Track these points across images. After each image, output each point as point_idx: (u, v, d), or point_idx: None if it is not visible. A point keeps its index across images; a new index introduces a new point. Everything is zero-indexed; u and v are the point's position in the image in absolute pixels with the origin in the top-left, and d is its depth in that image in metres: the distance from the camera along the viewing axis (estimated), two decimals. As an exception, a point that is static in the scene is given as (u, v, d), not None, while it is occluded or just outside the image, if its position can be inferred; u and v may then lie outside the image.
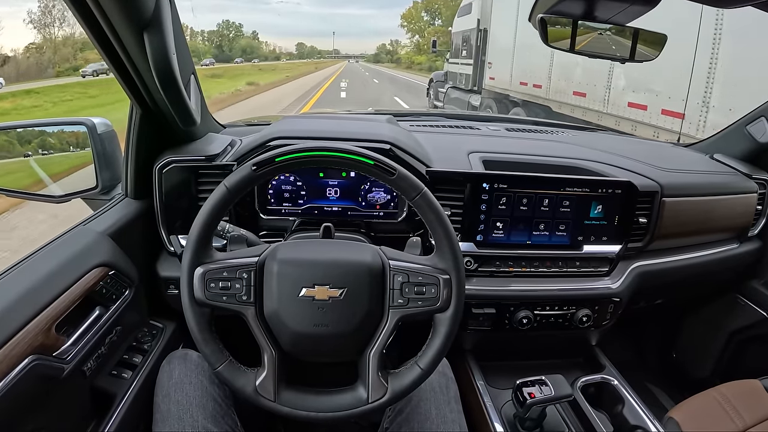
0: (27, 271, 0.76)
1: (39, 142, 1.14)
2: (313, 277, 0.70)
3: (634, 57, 1.01)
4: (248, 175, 0.71)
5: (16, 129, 1.12)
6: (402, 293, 0.71)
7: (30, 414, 0.70)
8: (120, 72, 0.84)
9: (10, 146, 1.13)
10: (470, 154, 1.16)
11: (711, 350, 1.53)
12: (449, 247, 0.73)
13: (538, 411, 0.97)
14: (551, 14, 0.94)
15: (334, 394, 0.73)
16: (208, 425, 0.80)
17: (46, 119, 1.16)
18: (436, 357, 0.72)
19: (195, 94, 0.95)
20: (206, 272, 0.69)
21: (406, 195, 0.73)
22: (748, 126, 1.36)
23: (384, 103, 14.13)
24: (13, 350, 0.65)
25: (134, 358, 0.96)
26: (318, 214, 1.11)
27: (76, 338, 0.77)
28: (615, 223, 1.09)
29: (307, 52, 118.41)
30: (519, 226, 1.07)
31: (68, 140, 1.13)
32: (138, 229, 1.00)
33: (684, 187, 1.19)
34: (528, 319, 1.09)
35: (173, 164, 1.00)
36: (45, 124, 1.14)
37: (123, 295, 0.90)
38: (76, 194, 1.08)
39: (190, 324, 0.70)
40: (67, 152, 1.14)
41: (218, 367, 0.70)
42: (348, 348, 0.73)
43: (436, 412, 0.87)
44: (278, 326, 0.70)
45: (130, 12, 0.69)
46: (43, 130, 1.15)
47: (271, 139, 1.04)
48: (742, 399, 1.10)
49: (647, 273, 1.18)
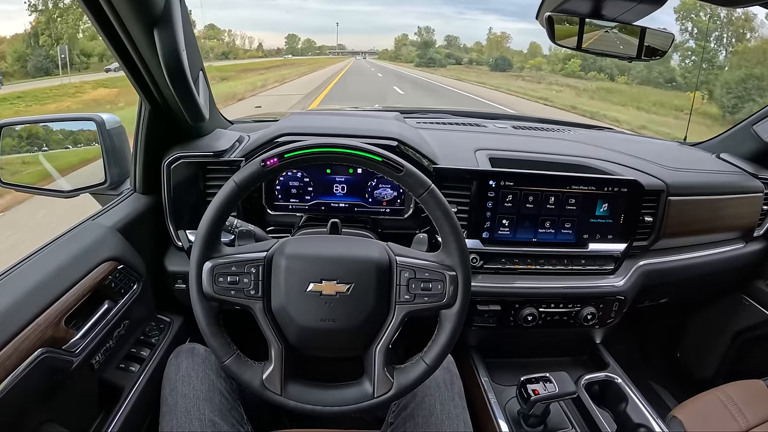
0: (37, 265, 0.77)
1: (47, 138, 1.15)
2: (321, 273, 0.71)
3: (642, 56, 1.01)
4: (257, 171, 0.71)
5: (26, 125, 1.13)
6: (408, 289, 0.72)
7: (39, 406, 0.71)
8: (130, 68, 0.85)
9: (19, 142, 1.14)
10: (477, 151, 1.16)
11: (715, 350, 1.53)
12: (456, 244, 0.73)
13: (542, 408, 0.97)
14: (558, 12, 0.94)
15: (340, 388, 0.73)
16: (214, 418, 0.81)
17: (55, 115, 1.17)
18: (442, 352, 0.73)
19: (204, 90, 0.95)
20: (215, 267, 0.70)
21: (414, 192, 0.74)
22: (755, 125, 1.36)
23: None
24: (23, 342, 0.66)
25: (142, 351, 0.97)
26: (325, 210, 1.11)
27: (85, 331, 0.78)
28: (620, 222, 1.09)
29: (303, 47, 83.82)
30: (525, 223, 1.07)
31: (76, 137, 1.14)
32: (146, 224, 1.01)
33: (690, 186, 1.19)
34: (533, 317, 1.09)
35: (181, 160, 1.00)
36: (54, 120, 1.15)
37: (131, 289, 0.91)
38: (84, 189, 1.09)
39: (198, 318, 0.71)
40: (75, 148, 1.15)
41: (226, 361, 0.71)
42: (354, 343, 0.74)
43: (440, 408, 0.87)
44: (285, 321, 0.71)
45: (141, 9, 0.70)
46: (52, 125, 1.16)
47: (279, 135, 1.04)
48: (746, 399, 1.11)
49: (652, 272, 1.18)
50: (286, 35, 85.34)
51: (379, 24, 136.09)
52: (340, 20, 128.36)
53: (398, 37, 79.26)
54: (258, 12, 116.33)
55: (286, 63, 42.39)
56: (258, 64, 36.56)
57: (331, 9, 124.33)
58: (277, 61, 48.24)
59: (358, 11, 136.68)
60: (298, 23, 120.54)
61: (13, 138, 1.12)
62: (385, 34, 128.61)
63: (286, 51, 76.30)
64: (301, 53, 79.28)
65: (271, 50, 70.02)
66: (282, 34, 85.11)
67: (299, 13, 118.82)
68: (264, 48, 69.64)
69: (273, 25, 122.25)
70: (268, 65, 34.35)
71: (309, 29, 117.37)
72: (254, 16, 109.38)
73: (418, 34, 77.35)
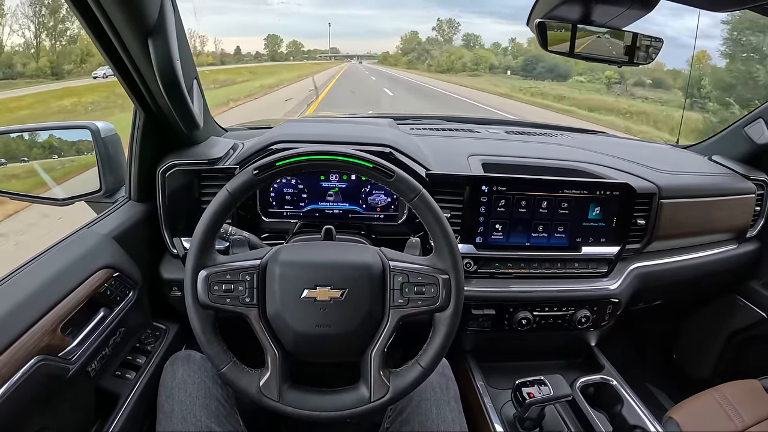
0: (33, 273, 0.77)
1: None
2: (315, 279, 0.71)
3: (634, 60, 1.02)
4: (250, 179, 0.72)
5: (20, 133, 1.13)
6: (402, 293, 0.72)
7: (35, 413, 0.71)
8: (124, 77, 0.85)
9: (15, 150, 1.14)
10: (470, 157, 1.17)
11: (711, 351, 1.53)
12: (447, 248, 0.74)
13: (537, 411, 0.98)
14: (548, 19, 0.95)
15: (336, 393, 0.74)
16: (211, 425, 0.81)
17: (50, 123, 1.17)
18: (437, 356, 0.73)
19: (198, 98, 0.96)
20: (210, 275, 0.71)
21: (405, 197, 0.75)
22: (746, 127, 1.37)
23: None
24: (19, 350, 0.66)
25: (138, 359, 0.97)
26: (319, 216, 1.12)
27: (81, 339, 0.78)
28: (613, 225, 1.10)
29: (290, 51, 67.62)
30: (518, 227, 1.07)
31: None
32: (141, 232, 1.01)
33: (682, 188, 1.20)
34: (527, 320, 1.10)
35: (176, 167, 1.01)
36: (49, 128, 1.15)
37: (127, 297, 0.91)
38: (79, 197, 1.09)
39: (194, 326, 0.71)
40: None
41: (222, 369, 0.71)
42: (350, 348, 0.74)
43: (436, 412, 0.87)
44: (281, 327, 0.72)
45: (135, 19, 0.71)
46: (48, 133, 1.16)
47: (273, 143, 1.05)
48: (742, 399, 1.11)
49: (646, 274, 1.19)
50: (266, 36, 66.65)
51: (375, 28, 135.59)
52: (335, 25, 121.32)
53: (405, 36, 63.29)
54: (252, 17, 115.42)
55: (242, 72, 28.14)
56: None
57: (326, 13, 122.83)
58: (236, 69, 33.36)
59: (353, 15, 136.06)
60: (292, 27, 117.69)
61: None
62: (381, 38, 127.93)
63: (267, 58, 60.60)
64: (286, 58, 63.66)
65: (247, 54, 56.14)
66: (249, 38, 67.12)
67: (294, 18, 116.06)
68: (242, 51, 55.66)
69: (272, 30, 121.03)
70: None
71: (303, 34, 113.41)
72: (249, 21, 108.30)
73: (437, 29, 59.08)
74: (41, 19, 22.40)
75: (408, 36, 62.80)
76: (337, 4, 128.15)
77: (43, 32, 22.66)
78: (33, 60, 21.57)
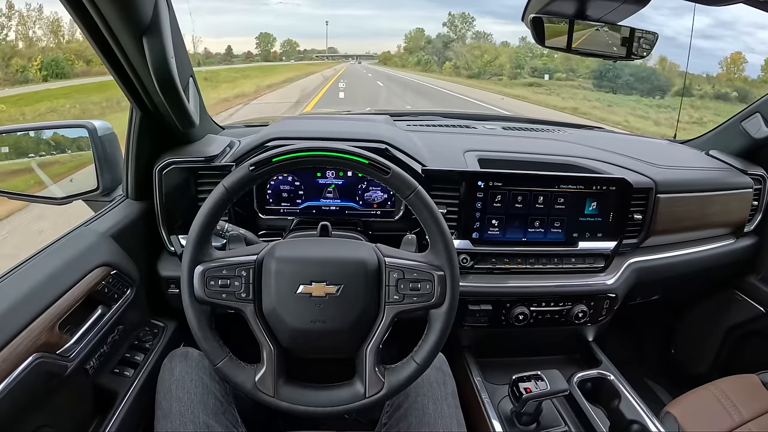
0: (31, 271, 0.77)
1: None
2: (311, 275, 0.71)
3: (630, 55, 1.01)
4: (246, 175, 0.72)
5: (18, 132, 1.14)
6: (397, 289, 0.73)
7: (33, 411, 0.71)
8: (119, 75, 0.85)
9: (11, 149, 1.14)
10: (466, 152, 1.17)
11: (709, 346, 1.53)
12: (443, 244, 0.74)
13: (534, 406, 0.98)
14: (544, 14, 0.95)
15: (332, 389, 0.74)
16: (209, 421, 0.82)
17: (48, 122, 1.18)
18: (432, 352, 0.74)
19: (194, 96, 0.96)
20: (206, 270, 0.71)
21: (401, 193, 0.75)
22: (743, 122, 1.37)
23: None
24: (17, 348, 0.66)
25: (136, 356, 0.97)
26: (316, 213, 1.12)
27: (79, 337, 0.78)
28: (610, 220, 1.10)
29: (284, 51, 58.77)
30: (514, 223, 1.08)
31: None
32: (139, 230, 1.02)
33: (679, 183, 1.20)
34: (524, 316, 1.10)
35: (173, 165, 1.01)
36: (46, 127, 1.16)
37: (125, 295, 0.92)
38: (77, 196, 1.10)
39: (190, 322, 0.72)
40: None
41: (218, 364, 0.72)
42: (345, 344, 0.75)
43: (433, 408, 0.88)
44: (276, 323, 0.72)
45: (130, 17, 0.71)
46: (44, 133, 1.16)
47: (269, 139, 1.05)
48: (740, 394, 1.11)
49: (643, 269, 1.19)
50: (257, 35, 57.69)
51: (373, 28, 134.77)
52: (334, 25, 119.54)
53: (410, 33, 53.78)
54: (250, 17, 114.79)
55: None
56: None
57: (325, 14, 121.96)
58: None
59: (352, 15, 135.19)
60: (289, 27, 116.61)
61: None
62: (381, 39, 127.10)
63: (260, 58, 52.80)
64: (280, 59, 55.72)
65: (239, 55, 49.66)
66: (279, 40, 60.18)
67: (291, 18, 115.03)
68: (233, 52, 49.74)
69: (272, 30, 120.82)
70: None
71: (301, 34, 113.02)
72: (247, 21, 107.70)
73: (448, 24, 48.74)
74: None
75: (413, 33, 53.80)
76: (335, 4, 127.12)
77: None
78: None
